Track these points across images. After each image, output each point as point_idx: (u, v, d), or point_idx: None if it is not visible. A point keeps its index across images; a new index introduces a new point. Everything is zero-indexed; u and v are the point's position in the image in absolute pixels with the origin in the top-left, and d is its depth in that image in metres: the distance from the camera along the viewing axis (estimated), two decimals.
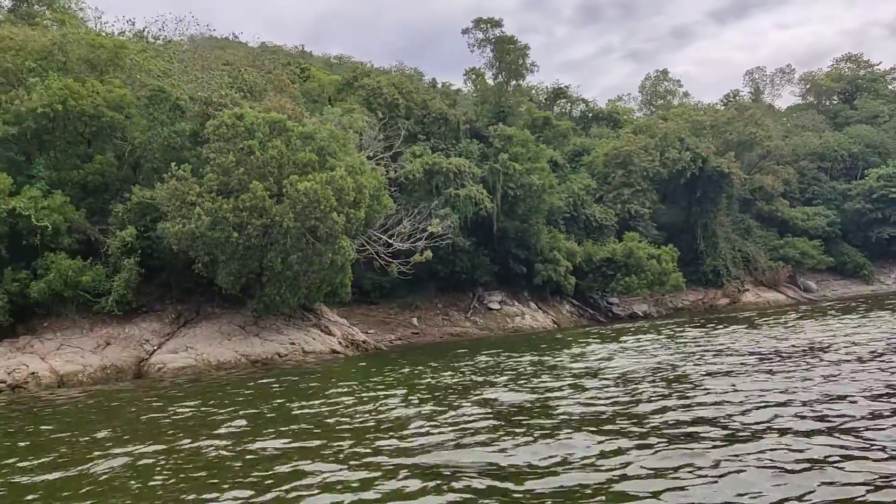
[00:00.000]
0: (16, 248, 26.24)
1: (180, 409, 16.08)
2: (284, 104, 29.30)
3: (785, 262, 63.05)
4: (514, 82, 52.71)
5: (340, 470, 9.29)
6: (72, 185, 27.54)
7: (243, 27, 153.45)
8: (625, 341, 26.08)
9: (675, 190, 61.38)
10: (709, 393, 13.41)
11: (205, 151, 26.14)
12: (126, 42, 32.06)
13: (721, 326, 31.61)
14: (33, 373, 23.56)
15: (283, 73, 37.05)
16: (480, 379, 18.02)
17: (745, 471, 8.22)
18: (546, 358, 22.00)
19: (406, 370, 21.72)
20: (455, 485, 8.32)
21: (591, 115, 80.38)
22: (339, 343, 28.06)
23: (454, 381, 18.03)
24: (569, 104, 79.96)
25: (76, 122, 27.90)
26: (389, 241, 29.18)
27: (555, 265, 48.18)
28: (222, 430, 13.01)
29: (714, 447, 9.33)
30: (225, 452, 10.98)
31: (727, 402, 12.33)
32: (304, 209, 23.70)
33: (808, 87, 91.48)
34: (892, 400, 11.77)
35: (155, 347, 25.75)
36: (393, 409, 14.08)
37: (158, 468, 10.35)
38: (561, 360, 21.02)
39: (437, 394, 15.86)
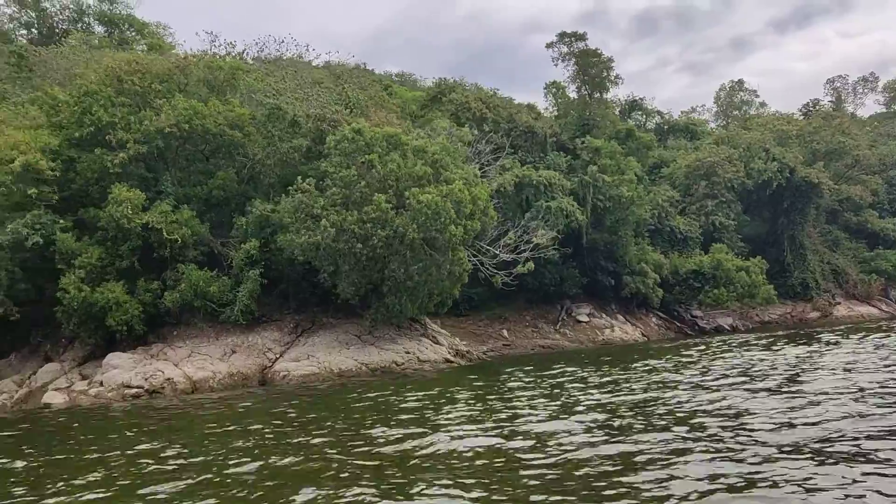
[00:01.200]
0: (147, 260, 27.58)
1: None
2: (391, 119, 30.09)
3: (877, 275, 61.10)
4: (597, 95, 52.68)
5: None
6: (196, 199, 28.81)
7: (301, 47, 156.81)
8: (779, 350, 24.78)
9: (759, 201, 60.28)
10: None
11: (323, 165, 27.07)
12: (241, 64, 33.46)
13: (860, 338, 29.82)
14: (169, 378, 24.68)
15: (380, 90, 38.00)
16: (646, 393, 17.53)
17: None
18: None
19: (535, 380, 21.75)
20: None
21: (666, 126, 79.60)
22: (449, 352, 28.54)
23: (636, 396, 17.05)
24: (644, 116, 79.37)
25: (198, 141, 29.23)
26: (496, 252, 29.56)
27: (643, 277, 47.87)
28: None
29: None
30: None
31: None
32: (426, 221, 24.30)
33: (892, 95, 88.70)
34: None
35: (277, 356, 26.66)
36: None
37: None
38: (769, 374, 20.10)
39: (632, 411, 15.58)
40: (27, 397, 26.80)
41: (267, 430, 15.17)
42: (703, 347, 31.12)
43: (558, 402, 16.25)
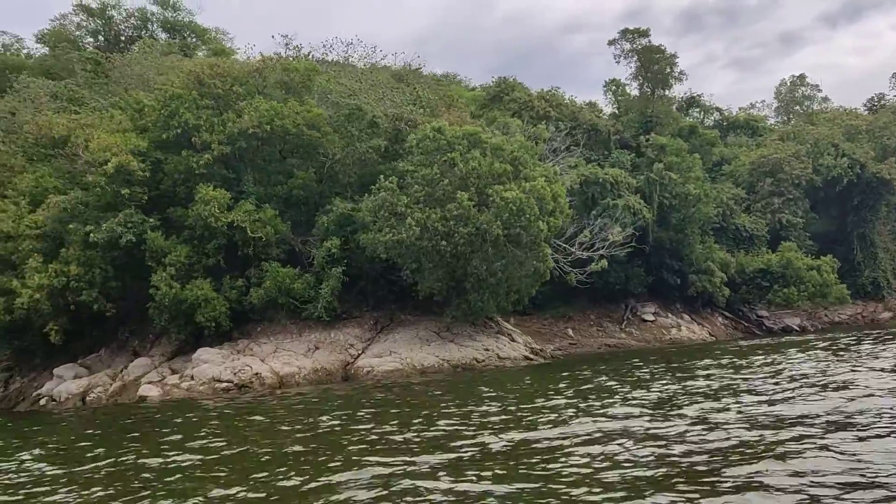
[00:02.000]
0: (231, 258, 28.36)
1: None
2: (465, 118, 30.35)
3: None
4: (659, 91, 52.17)
5: None
6: (276, 199, 29.50)
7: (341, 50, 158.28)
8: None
9: (827, 198, 58.88)
10: None
11: (401, 165, 27.48)
12: (316, 66, 34.15)
13: None
14: (257, 373, 25.36)
15: (449, 90, 38.37)
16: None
17: None
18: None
19: (626, 378, 21.64)
20: None
21: (725, 123, 78.31)
22: (526, 350, 28.67)
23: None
24: (702, 113, 78.22)
25: (277, 141, 29.93)
26: (571, 249, 29.58)
27: (709, 276, 47.23)
28: None
29: None
30: None
31: None
32: (510, 218, 24.49)
33: None
34: None
35: (360, 352, 27.14)
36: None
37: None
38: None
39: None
40: (121, 390, 27.81)
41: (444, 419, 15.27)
42: (795, 348, 29.80)
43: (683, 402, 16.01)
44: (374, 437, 13.53)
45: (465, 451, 11.44)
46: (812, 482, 8.84)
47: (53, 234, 29.70)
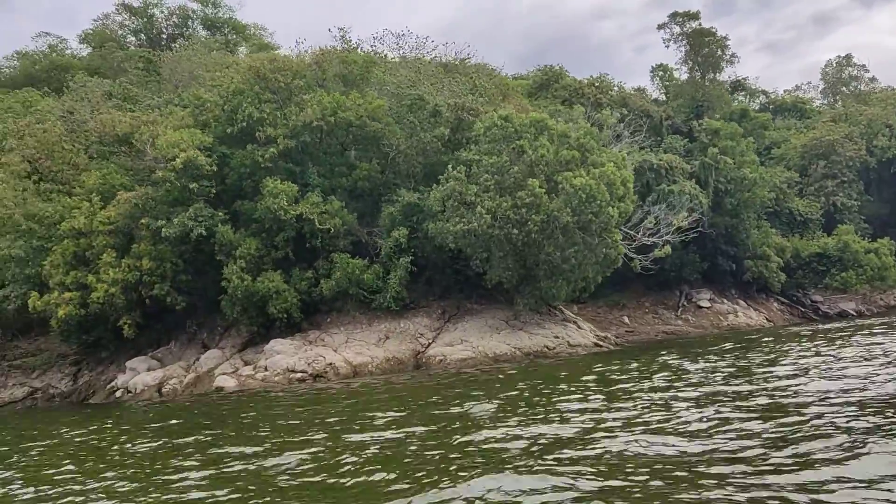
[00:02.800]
0: (299, 250, 28.66)
1: None
2: (525, 106, 30.23)
3: None
4: (710, 75, 51.41)
5: None
6: (340, 190, 29.72)
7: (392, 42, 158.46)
8: None
9: (881, 180, 57.74)
10: None
11: (465, 154, 27.47)
12: (374, 58, 34.27)
13: None
14: (331, 363, 25.64)
15: (504, 79, 38.27)
16: None
17: None
18: None
19: (710, 362, 21.38)
20: None
21: (772, 106, 76.94)
22: (595, 337, 28.59)
23: None
24: (748, 96, 76.91)
25: (340, 133, 30.11)
26: (636, 235, 29.38)
27: (765, 261, 46.61)
28: None
29: None
30: None
31: None
32: (580, 204, 24.39)
33: None
34: None
35: (430, 341, 27.30)
36: None
37: None
38: None
39: None
40: (195, 382, 28.35)
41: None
42: (867, 331, 29.10)
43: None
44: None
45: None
46: None
47: (124, 230, 30.28)
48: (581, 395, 15.58)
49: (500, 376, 21.22)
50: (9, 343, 38.41)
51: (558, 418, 13.12)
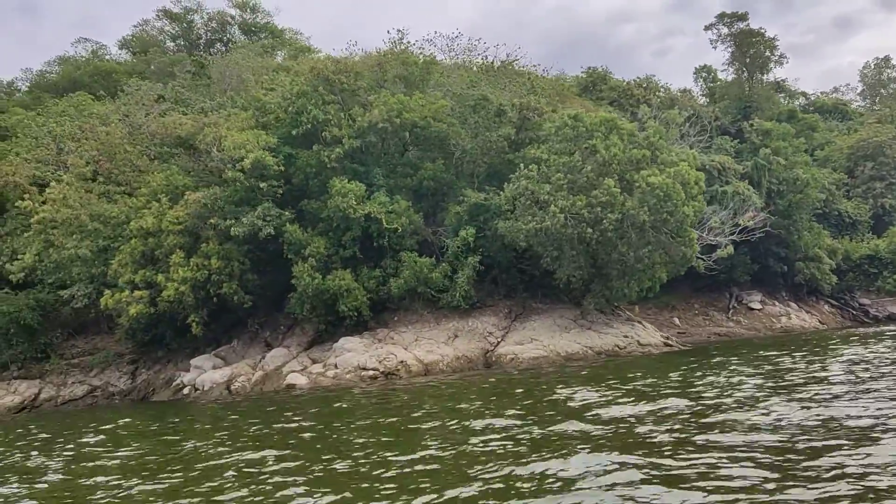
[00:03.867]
0: (366, 249, 28.88)
1: None
2: (587, 105, 30.23)
3: None
4: (757, 76, 51.09)
5: None
6: (405, 190, 29.92)
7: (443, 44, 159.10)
8: None
9: None
10: None
11: (533, 152, 27.52)
12: (434, 59, 34.49)
13: None
14: (402, 361, 25.79)
15: (558, 80, 38.31)
16: None
17: None
18: None
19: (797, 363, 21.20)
20: None
21: (812, 108, 76.22)
22: (662, 337, 28.50)
23: None
24: (787, 98, 76.27)
25: (405, 134, 30.31)
26: (702, 235, 29.25)
27: (818, 263, 46.17)
28: None
29: None
30: None
31: None
32: (657, 203, 24.37)
33: None
34: None
35: (498, 340, 27.37)
36: None
37: None
38: None
39: None
40: (263, 379, 28.62)
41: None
42: None
43: None
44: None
45: None
46: None
47: (191, 230, 30.67)
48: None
49: (584, 372, 21.18)
50: (65, 342, 38.99)
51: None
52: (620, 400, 14.38)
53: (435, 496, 8.71)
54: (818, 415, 11.67)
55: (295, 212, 29.88)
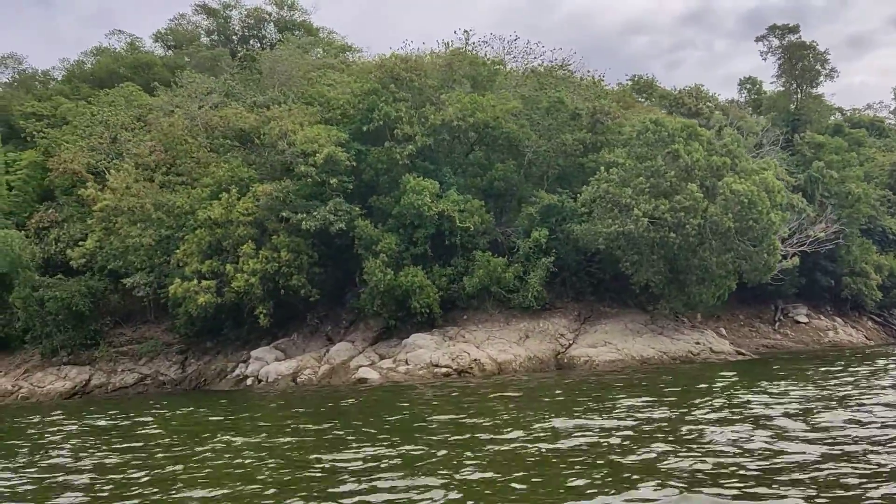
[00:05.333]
0: (436, 247, 28.94)
1: None
2: (656, 110, 30.22)
3: None
4: (806, 88, 50.98)
5: None
6: (474, 190, 29.97)
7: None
8: None
9: None
10: None
11: (610, 156, 27.53)
12: (501, 60, 34.60)
13: None
14: (476, 360, 25.82)
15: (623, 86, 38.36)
16: None
17: None
18: None
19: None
20: None
21: (848, 124, 75.94)
22: (731, 345, 28.45)
23: None
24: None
25: (476, 133, 30.39)
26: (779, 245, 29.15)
27: (865, 278, 45.87)
28: None
29: None
30: None
31: None
32: (742, 210, 24.35)
33: None
34: None
35: (570, 342, 27.37)
36: None
37: None
38: None
39: None
40: (330, 373, 28.67)
41: None
42: None
43: None
44: None
45: None
46: None
47: (258, 222, 30.79)
48: None
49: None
50: (112, 330, 39.19)
51: None
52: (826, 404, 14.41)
53: None
54: None
55: (364, 208, 29.96)
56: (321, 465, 11.51)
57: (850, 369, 21.33)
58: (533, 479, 9.53)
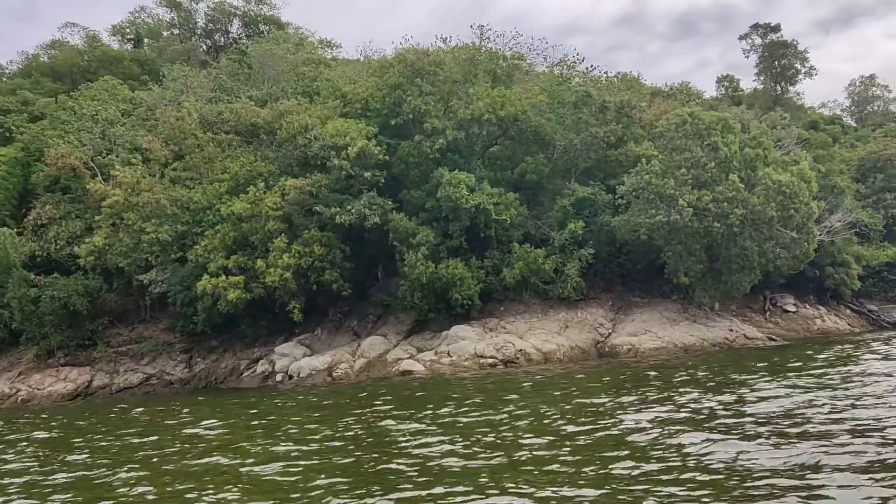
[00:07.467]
0: (470, 240, 29.04)
1: None
2: (674, 105, 30.99)
3: None
4: (783, 86, 52.99)
5: None
6: (504, 183, 30.18)
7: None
8: None
9: None
10: None
11: (635, 149, 28.12)
12: (521, 55, 34.89)
13: None
14: (521, 350, 26.06)
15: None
16: None
17: None
18: None
19: None
20: None
21: (809, 122, 79.12)
22: (760, 331, 29.42)
23: None
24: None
25: (504, 126, 30.61)
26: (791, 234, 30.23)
27: (846, 269, 47.83)
28: None
29: None
30: None
31: None
32: (783, 200, 25.21)
33: None
34: None
35: (609, 331, 27.85)
36: None
37: None
38: None
39: None
40: (367, 366, 28.43)
41: None
42: None
43: None
44: None
45: None
46: None
47: (287, 216, 30.30)
48: None
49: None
50: (108, 330, 38.11)
51: None
52: None
53: None
54: None
55: (395, 201, 29.83)
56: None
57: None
58: None
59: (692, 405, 14.40)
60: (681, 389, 16.73)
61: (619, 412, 14.25)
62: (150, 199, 32.12)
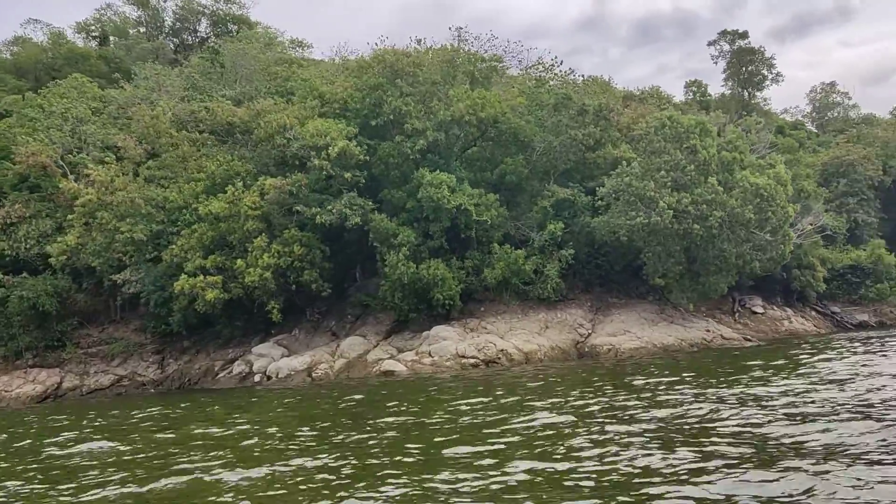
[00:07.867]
0: (451, 240, 29.11)
1: None
2: (652, 109, 31.48)
3: None
4: (750, 92, 54.11)
5: None
6: (484, 184, 30.33)
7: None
8: None
9: (894, 199, 61.47)
10: None
11: (613, 151, 28.49)
12: (500, 58, 35.09)
13: None
14: (502, 350, 26.19)
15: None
16: None
17: None
18: None
19: None
20: None
21: (773, 127, 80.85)
22: (736, 332, 29.96)
23: None
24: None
25: (483, 128, 30.77)
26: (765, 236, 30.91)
27: (812, 271, 48.97)
28: None
29: None
30: None
31: None
32: (762, 202, 25.74)
33: None
34: None
35: (588, 331, 28.13)
36: None
37: None
38: None
39: None
40: (347, 367, 28.29)
41: None
42: None
43: None
44: None
45: None
46: None
47: (266, 216, 30.05)
48: None
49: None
50: (77, 331, 37.50)
51: None
52: None
53: None
54: None
55: (375, 202, 29.78)
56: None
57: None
58: None
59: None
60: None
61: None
62: (125, 198, 31.60)
